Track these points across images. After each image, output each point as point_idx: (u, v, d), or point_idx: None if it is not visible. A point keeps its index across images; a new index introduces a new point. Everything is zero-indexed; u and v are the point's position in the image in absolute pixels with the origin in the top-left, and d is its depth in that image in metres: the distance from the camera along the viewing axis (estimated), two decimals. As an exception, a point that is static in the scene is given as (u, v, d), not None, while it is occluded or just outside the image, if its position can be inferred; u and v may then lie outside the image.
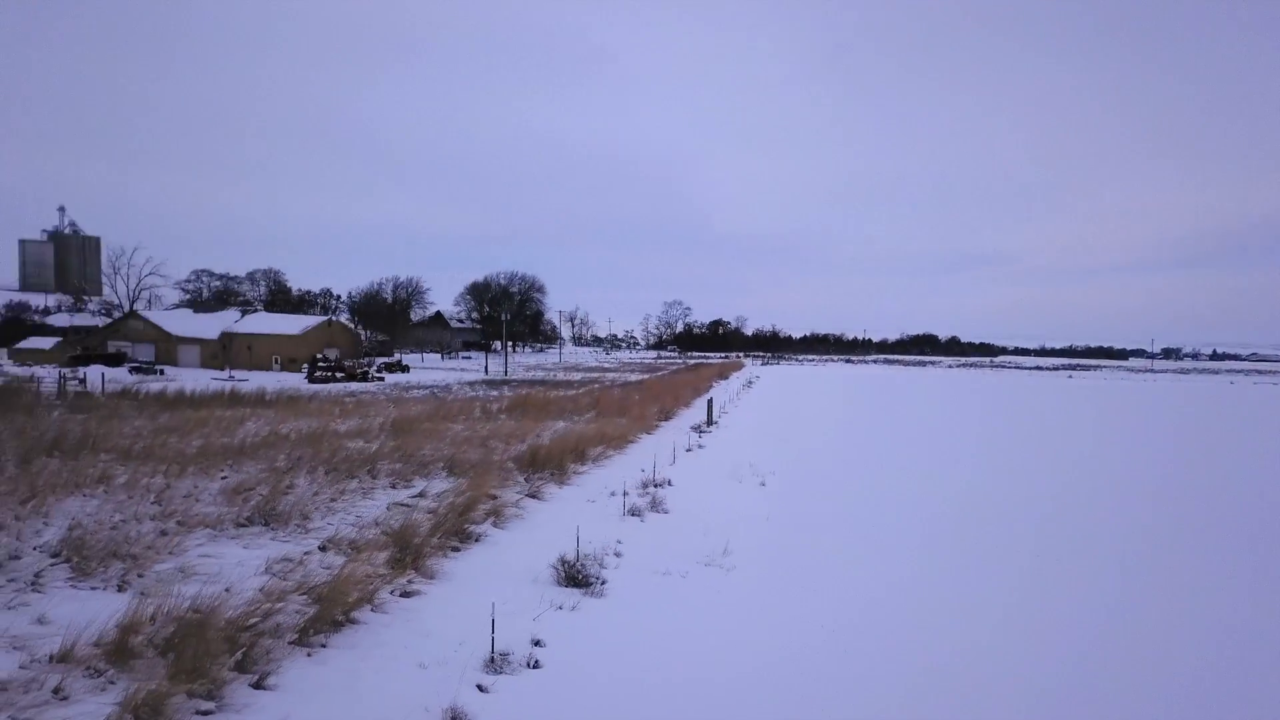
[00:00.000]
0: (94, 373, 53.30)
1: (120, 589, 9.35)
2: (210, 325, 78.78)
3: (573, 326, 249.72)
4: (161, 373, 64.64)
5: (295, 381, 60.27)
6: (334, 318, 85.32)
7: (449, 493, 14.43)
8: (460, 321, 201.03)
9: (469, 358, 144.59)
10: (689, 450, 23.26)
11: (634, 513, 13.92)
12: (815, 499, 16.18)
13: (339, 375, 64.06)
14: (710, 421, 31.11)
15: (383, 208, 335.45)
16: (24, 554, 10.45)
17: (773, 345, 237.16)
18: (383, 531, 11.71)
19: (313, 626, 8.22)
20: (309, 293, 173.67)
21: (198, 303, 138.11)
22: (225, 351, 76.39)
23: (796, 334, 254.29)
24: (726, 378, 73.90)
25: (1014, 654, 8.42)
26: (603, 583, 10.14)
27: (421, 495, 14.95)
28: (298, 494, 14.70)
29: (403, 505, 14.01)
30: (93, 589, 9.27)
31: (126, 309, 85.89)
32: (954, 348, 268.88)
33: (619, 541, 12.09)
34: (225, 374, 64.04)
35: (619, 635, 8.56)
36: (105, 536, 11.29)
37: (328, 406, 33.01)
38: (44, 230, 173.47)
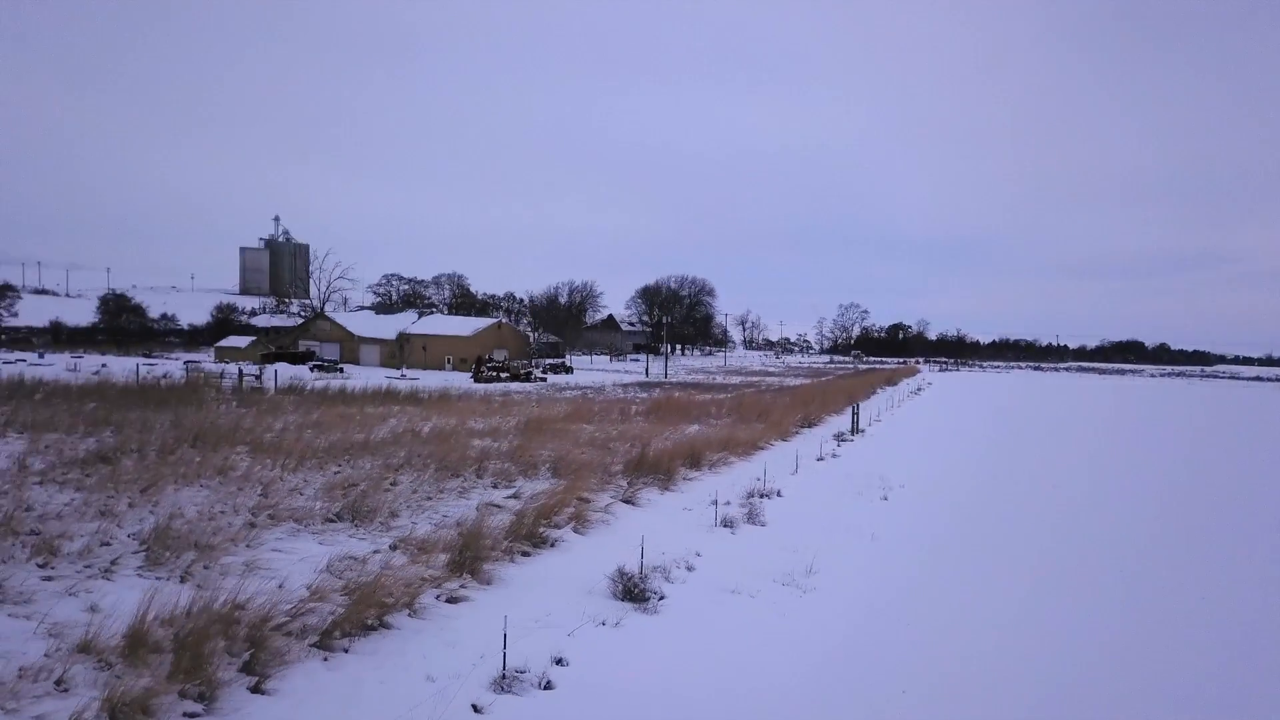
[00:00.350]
0: (283, 370, 57.30)
1: (183, 579, 9.55)
2: (390, 326, 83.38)
3: (743, 330, 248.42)
4: (341, 370, 68.77)
5: (461, 380, 62.58)
6: (503, 320, 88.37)
7: (542, 494, 14.16)
8: (631, 325, 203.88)
9: (637, 360, 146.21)
10: (820, 459, 22.14)
11: (727, 524, 13.17)
12: (941, 519, 14.85)
13: (503, 375, 66.06)
14: (855, 429, 29.67)
15: (562, 212, 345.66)
16: (115, 541, 10.92)
17: (957, 351, 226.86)
18: (459, 532, 11.50)
19: (339, 629, 8.03)
20: (493, 296, 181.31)
21: (386, 304, 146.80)
22: (402, 351, 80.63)
23: (984, 339, 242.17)
24: (894, 384, 70.97)
25: None
26: (660, 598, 9.50)
27: (515, 496, 14.76)
28: (397, 491, 14.85)
29: (493, 505, 13.84)
30: (157, 579, 9.50)
31: (320, 311, 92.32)
32: (1163, 355, 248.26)
33: (697, 554, 11.40)
34: (398, 373, 67.36)
35: (654, 658, 7.91)
36: (193, 527, 11.68)
37: (475, 405, 33.80)
38: (261, 238, 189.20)
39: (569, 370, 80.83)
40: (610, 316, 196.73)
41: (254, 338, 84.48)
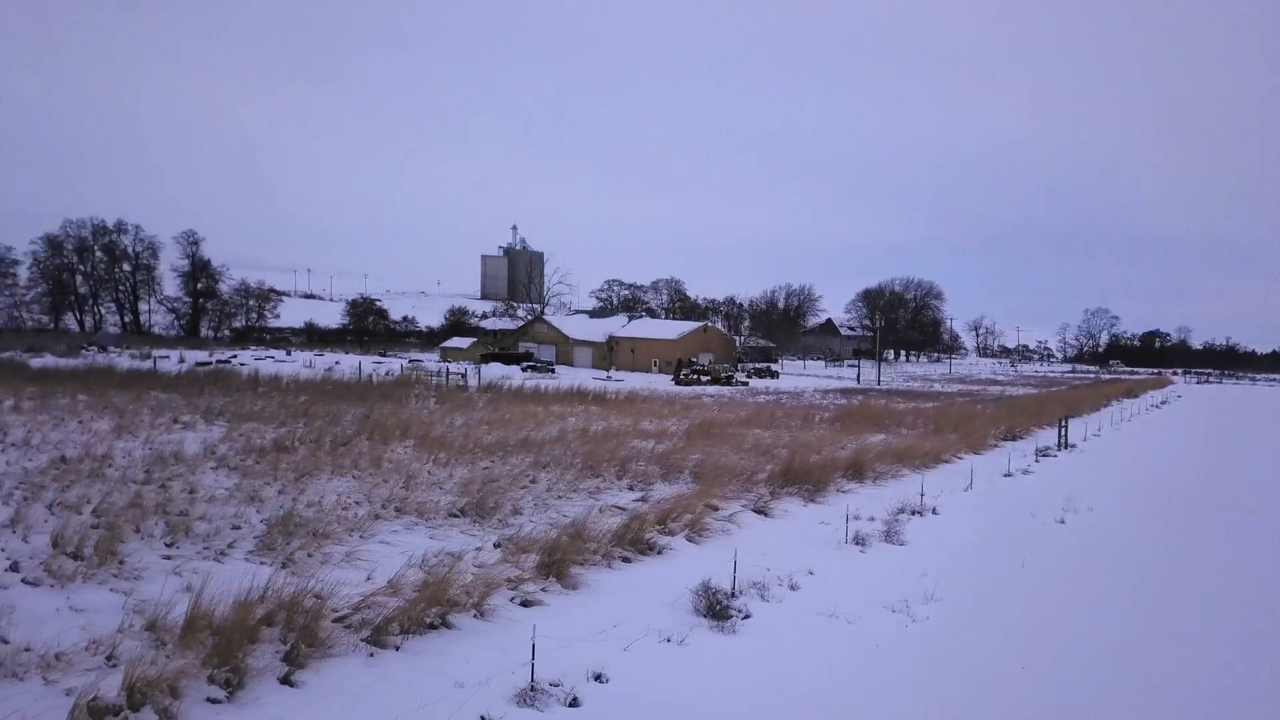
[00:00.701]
0: (491, 370, 60.33)
1: (284, 565, 9.91)
2: (602, 329, 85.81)
3: (976, 336, 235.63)
4: (553, 371, 71.40)
5: (663, 383, 63.18)
6: (710, 324, 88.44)
7: (670, 499, 13.71)
8: (850, 329, 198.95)
9: (854, 365, 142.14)
10: (1007, 475, 20.24)
11: (858, 541, 12.15)
12: (1123, 548, 13.01)
13: (703, 378, 66.06)
14: (1063, 444, 27.03)
15: (780, 215, 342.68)
16: (245, 525, 11.57)
17: (1226, 362, 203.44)
18: (562, 533, 11.28)
19: (398, 625, 7.97)
20: (713, 301, 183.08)
21: (602, 309, 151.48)
22: (611, 354, 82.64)
23: (1261, 349, 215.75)
24: (1134, 396, 64.57)
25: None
26: (745, 617, 8.81)
27: (644, 499, 14.40)
28: (534, 490, 14.91)
29: (617, 508, 13.55)
30: (261, 563, 9.91)
31: (539, 314, 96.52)
32: None
33: (810, 572, 10.54)
34: (604, 374, 69.02)
35: (709, 681, 7.27)
36: (322, 515, 12.19)
37: (657, 407, 33.82)
38: (500, 246, 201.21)
39: (773, 375, 79.62)
40: (829, 321, 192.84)
41: (475, 339, 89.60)
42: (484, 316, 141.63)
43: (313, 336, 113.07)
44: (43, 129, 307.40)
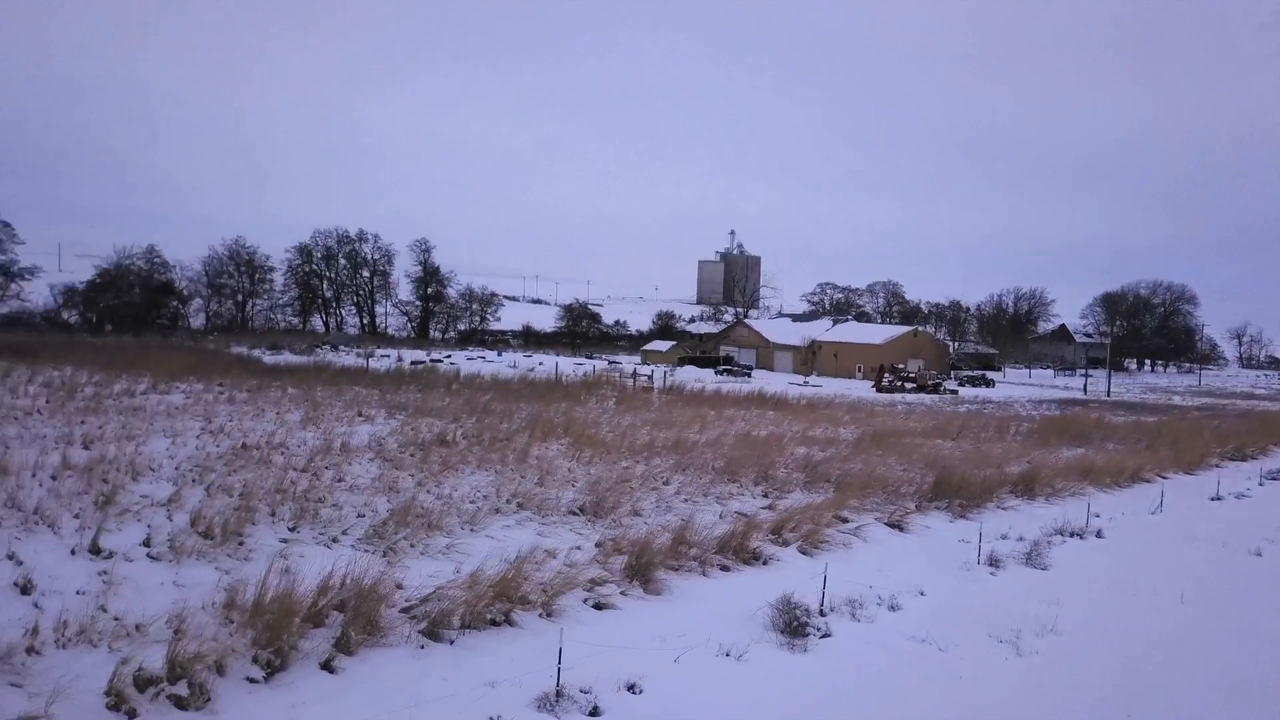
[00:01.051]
0: (685, 372, 60.65)
1: (384, 554, 10.25)
2: (803, 333, 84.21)
3: (1239, 345, 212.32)
4: (749, 375, 70.85)
5: (863, 389, 61.13)
6: (920, 328, 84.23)
7: (797, 509, 13.09)
8: (1087, 336, 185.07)
9: (1088, 375, 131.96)
10: (1215, 499, 17.93)
11: (992, 562, 11.08)
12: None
13: (906, 385, 63.29)
14: (1301, 466, 23.68)
15: (1012, 215, 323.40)
16: (372, 514, 12.11)
17: None
18: (661, 538, 11.02)
19: (454, 619, 8.02)
20: (935, 305, 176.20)
21: (818, 311, 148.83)
22: (814, 358, 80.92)
23: None
24: None
25: None
26: (823, 636, 8.22)
27: (771, 507, 13.84)
28: (663, 492, 14.72)
29: (742, 515, 13.09)
30: (366, 550, 10.31)
31: (741, 318, 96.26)
32: None
33: (921, 592, 9.72)
34: (800, 379, 67.71)
35: (751, 703, 6.80)
36: (447, 506, 12.56)
37: (840, 413, 32.70)
38: (717, 251, 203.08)
39: (988, 383, 75.08)
40: (1062, 326, 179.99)
41: (675, 342, 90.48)
42: (691, 321, 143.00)
43: (529, 339, 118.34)
44: (295, 150, 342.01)
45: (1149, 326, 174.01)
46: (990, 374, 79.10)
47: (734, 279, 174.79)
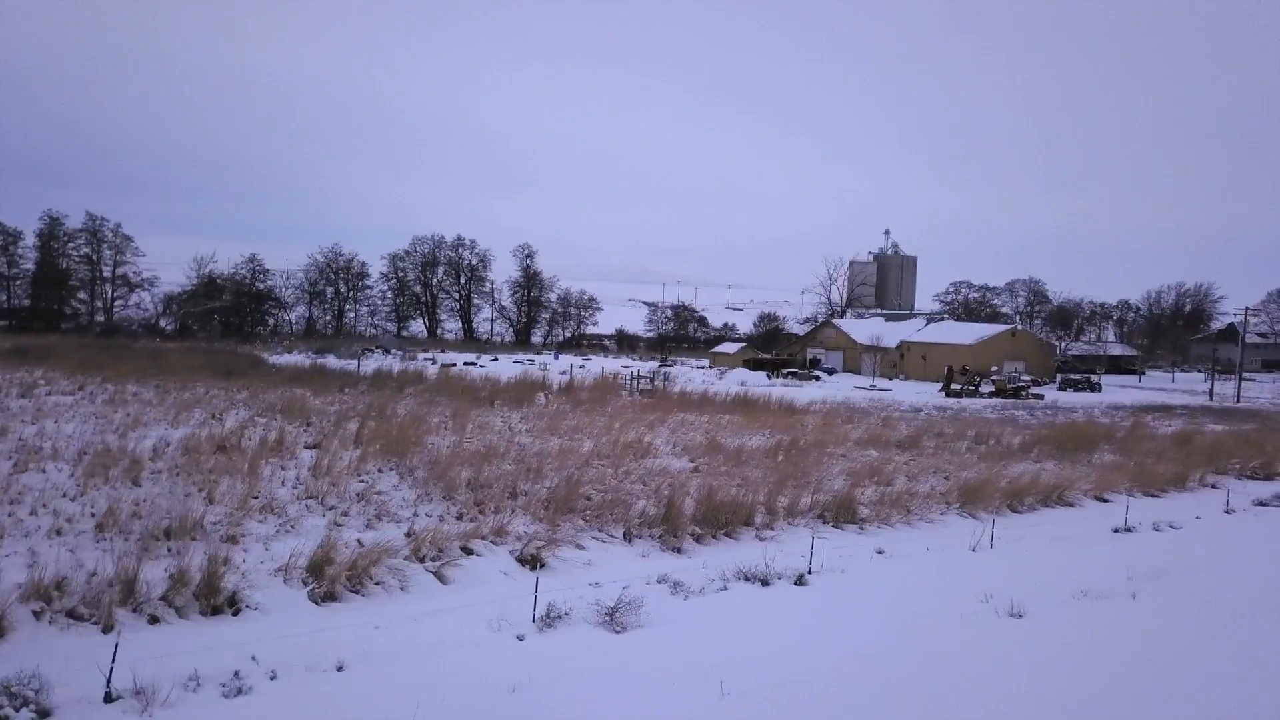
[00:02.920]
0: (735, 375, 57.57)
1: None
2: (896, 334, 78.98)
3: None
4: (818, 378, 66.89)
5: (930, 393, 56.47)
6: (1019, 327, 77.01)
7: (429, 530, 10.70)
8: (1261, 336, 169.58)
9: (1252, 379, 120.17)
10: (1120, 530, 14.36)
11: (548, 620, 8.46)
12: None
13: (982, 390, 57.84)
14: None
15: (1169, 208, 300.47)
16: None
17: None
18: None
19: None
20: (1080, 302, 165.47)
21: (949, 312, 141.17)
22: (902, 360, 75.74)
23: None
24: None
25: None
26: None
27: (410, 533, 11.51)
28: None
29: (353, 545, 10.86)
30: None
31: (833, 316, 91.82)
32: None
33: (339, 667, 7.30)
34: (869, 383, 63.23)
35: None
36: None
37: (817, 420, 29.37)
38: (870, 252, 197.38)
39: (1092, 387, 67.97)
40: (1230, 326, 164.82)
41: (743, 344, 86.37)
42: (805, 322, 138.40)
43: (622, 343, 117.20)
44: (431, 152, 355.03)
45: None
46: (1093, 378, 71.28)
47: (888, 279, 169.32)
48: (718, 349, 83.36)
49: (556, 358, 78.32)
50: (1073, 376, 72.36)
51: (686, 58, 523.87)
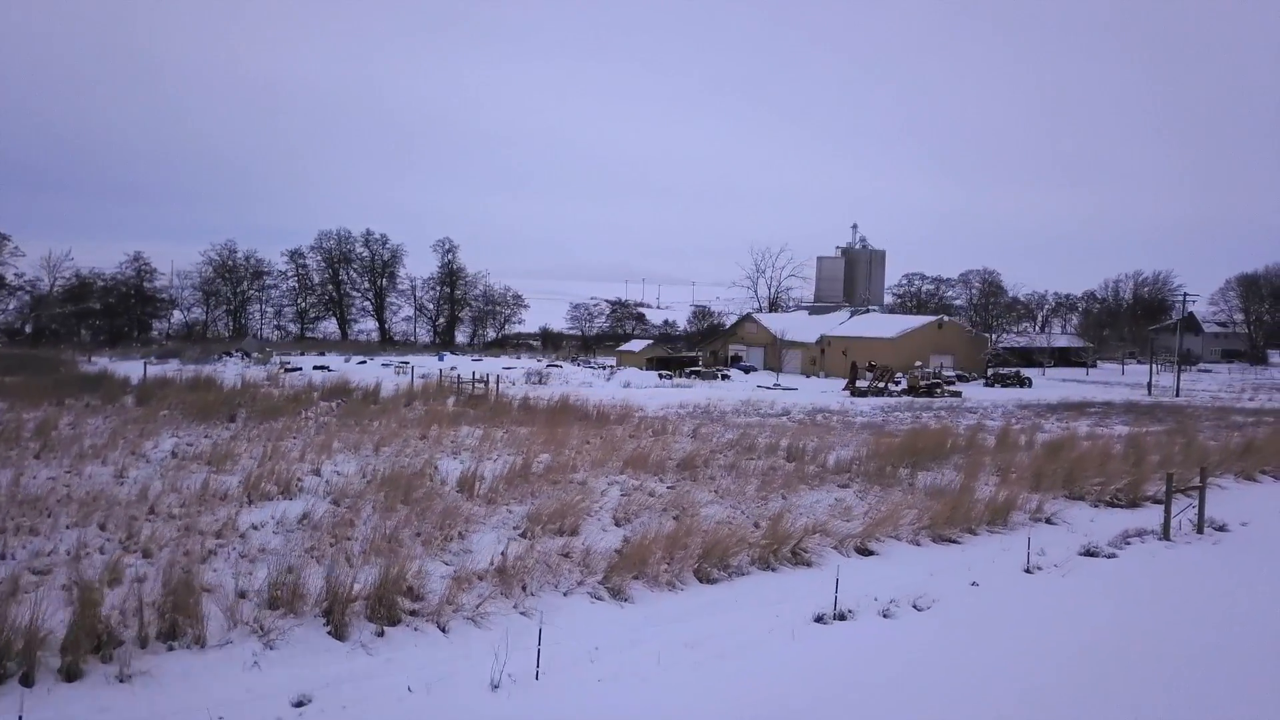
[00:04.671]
0: (623, 375, 52.47)
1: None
2: (818, 328, 74.13)
3: None
4: (726, 377, 61.98)
5: (833, 392, 51.69)
6: (946, 318, 71.64)
7: None
8: (1221, 326, 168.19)
9: (1208, 370, 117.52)
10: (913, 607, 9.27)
11: None
12: None
13: (893, 388, 53.01)
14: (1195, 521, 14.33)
15: (1128, 198, 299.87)
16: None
17: None
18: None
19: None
20: (1065, 295, 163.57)
21: (899, 307, 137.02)
22: (823, 356, 70.94)
23: None
24: None
25: None
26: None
27: None
28: None
29: None
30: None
31: (761, 311, 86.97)
32: None
33: None
34: (772, 382, 58.44)
35: None
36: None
37: (592, 431, 24.26)
38: (837, 246, 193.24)
39: (1021, 382, 63.52)
40: (1189, 315, 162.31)
41: (651, 341, 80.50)
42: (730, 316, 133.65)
43: (547, 342, 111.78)
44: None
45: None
46: (1024, 373, 66.34)
47: (856, 275, 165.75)
48: (624, 347, 77.82)
49: (441, 359, 72.53)
50: (1001, 371, 67.82)
51: (680, 55, 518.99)
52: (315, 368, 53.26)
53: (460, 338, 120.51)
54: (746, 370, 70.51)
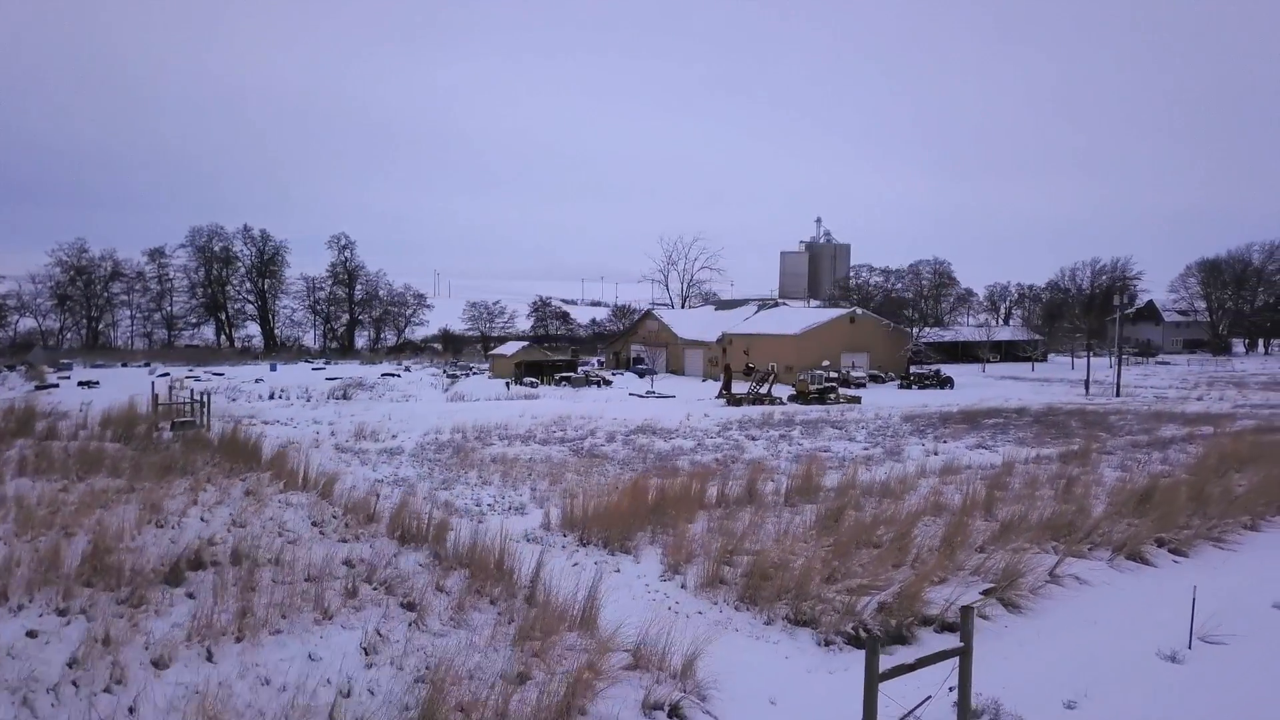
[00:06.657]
0: (469, 384, 44.70)
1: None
2: (722, 325, 66.58)
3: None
4: (606, 383, 54.42)
5: (711, 399, 44.21)
6: (859, 311, 63.76)
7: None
8: (1182, 314, 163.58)
9: (1166, 363, 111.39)
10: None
11: None
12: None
13: (773, 395, 45.38)
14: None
15: (1082, 190, 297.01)
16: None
17: None
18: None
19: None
20: (998, 286, 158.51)
21: (832, 301, 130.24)
22: (724, 355, 63.53)
23: None
24: None
25: None
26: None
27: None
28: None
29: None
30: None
31: (666, 307, 79.56)
32: None
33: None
34: (645, 388, 51.01)
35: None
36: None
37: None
38: (801, 241, 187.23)
39: (941, 383, 56.38)
40: (1150, 304, 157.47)
41: (526, 344, 72.45)
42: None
43: (447, 345, 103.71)
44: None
45: (1262, 301, 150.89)
46: (943, 373, 58.96)
47: (821, 269, 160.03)
48: (497, 350, 69.64)
49: (274, 369, 64.17)
50: (919, 370, 60.62)
51: (680, 53, 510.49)
52: (80, 383, 44.91)
53: (361, 342, 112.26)
54: (642, 374, 62.89)
